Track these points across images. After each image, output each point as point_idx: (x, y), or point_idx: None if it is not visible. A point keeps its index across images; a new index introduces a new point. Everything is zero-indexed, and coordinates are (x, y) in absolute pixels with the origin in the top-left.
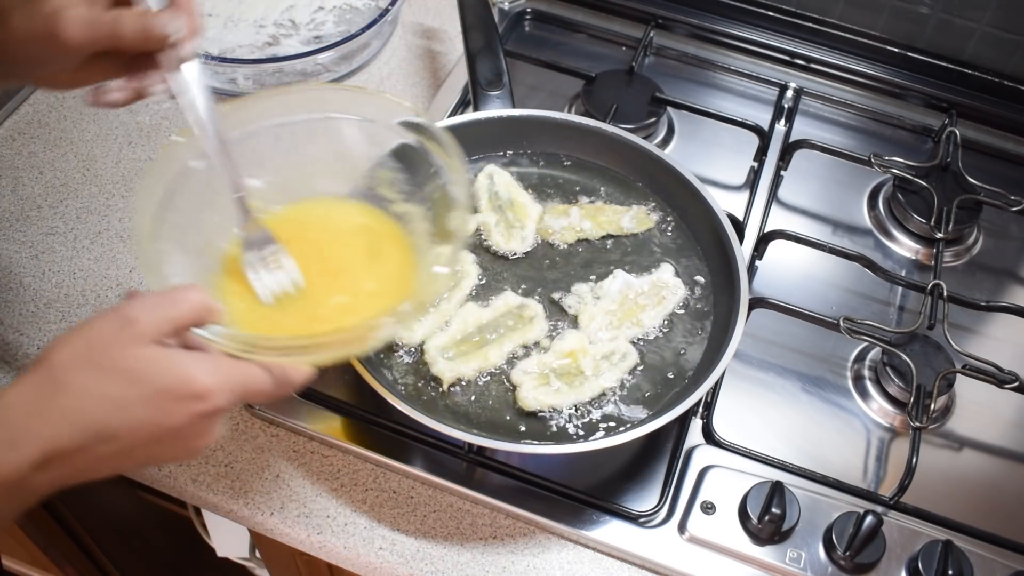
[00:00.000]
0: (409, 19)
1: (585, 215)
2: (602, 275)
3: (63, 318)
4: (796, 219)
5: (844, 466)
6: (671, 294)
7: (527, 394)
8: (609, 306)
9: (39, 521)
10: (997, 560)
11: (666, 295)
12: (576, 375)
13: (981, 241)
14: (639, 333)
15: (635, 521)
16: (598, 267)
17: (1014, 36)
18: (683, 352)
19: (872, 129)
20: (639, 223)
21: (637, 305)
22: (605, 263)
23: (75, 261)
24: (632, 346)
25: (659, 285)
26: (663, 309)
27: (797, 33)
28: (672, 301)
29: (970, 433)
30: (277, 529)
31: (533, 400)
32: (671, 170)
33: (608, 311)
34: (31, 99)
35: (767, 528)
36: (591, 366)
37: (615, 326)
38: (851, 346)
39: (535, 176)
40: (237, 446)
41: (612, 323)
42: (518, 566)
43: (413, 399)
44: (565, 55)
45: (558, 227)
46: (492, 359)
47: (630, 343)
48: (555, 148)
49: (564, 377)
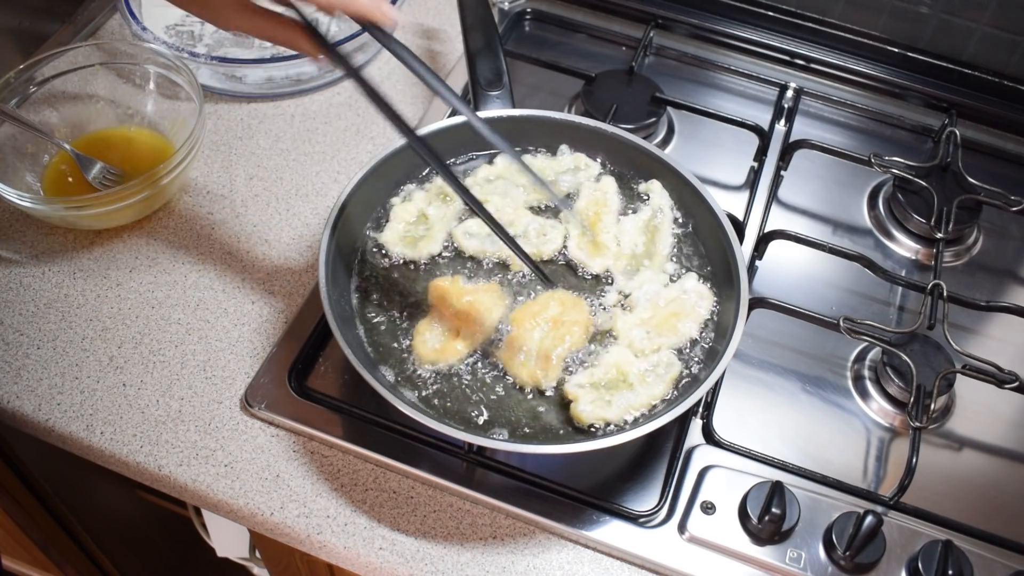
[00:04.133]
0: (409, 19)
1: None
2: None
3: (63, 318)
4: (796, 219)
5: (844, 466)
6: (701, 299)
7: (584, 408)
8: (643, 314)
9: (39, 521)
10: (997, 560)
11: (696, 302)
12: (625, 386)
13: (981, 241)
14: (677, 342)
15: (635, 521)
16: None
17: (1014, 36)
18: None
19: (872, 129)
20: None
21: (672, 314)
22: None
23: (75, 261)
24: (675, 356)
25: (686, 293)
26: (696, 318)
27: (797, 33)
28: (704, 307)
29: (970, 433)
30: (277, 529)
31: (590, 414)
32: (671, 170)
33: (643, 319)
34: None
35: (767, 528)
36: (638, 377)
37: (654, 336)
38: (851, 346)
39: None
40: (237, 446)
41: (650, 333)
42: (518, 566)
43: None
44: (565, 55)
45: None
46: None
47: (672, 352)
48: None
49: (613, 389)
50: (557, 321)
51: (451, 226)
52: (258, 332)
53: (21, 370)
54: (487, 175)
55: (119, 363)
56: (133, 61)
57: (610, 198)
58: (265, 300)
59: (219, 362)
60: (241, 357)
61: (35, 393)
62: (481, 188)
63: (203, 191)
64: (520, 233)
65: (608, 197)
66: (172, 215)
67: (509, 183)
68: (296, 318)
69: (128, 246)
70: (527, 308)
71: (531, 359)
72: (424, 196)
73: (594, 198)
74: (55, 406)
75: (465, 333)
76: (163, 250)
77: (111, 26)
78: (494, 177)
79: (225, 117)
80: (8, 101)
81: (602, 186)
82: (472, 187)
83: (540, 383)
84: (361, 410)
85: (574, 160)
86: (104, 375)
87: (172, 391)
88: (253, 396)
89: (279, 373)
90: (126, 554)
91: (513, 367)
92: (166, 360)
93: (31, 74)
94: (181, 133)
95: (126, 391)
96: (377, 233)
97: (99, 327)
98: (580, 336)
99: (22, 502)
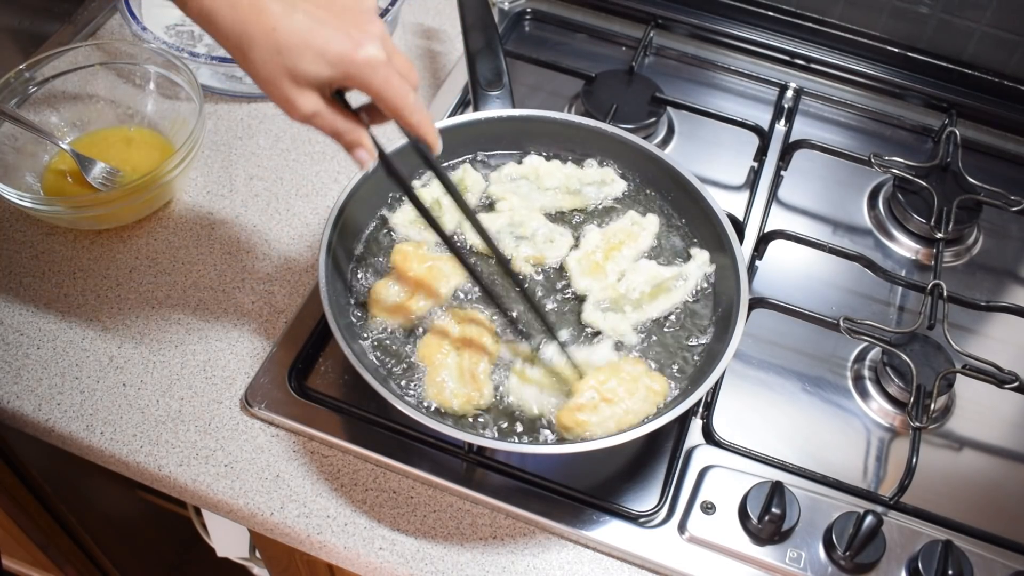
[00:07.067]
0: (409, 19)
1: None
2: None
3: (63, 318)
4: (796, 219)
5: (844, 466)
6: (642, 230)
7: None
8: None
9: (39, 521)
10: (997, 560)
11: (637, 232)
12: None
13: (981, 241)
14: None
15: (635, 521)
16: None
17: (1014, 36)
18: (685, 351)
19: (872, 129)
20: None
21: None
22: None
23: (75, 261)
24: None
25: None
26: (638, 246)
27: (797, 33)
28: (646, 238)
29: (970, 433)
30: (277, 529)
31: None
32: (671, 170)
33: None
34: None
35: (767, 528)
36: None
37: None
38: (851, 346)
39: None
40: (237, 446)
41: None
42: (518, 566)
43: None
44: (565, 55)
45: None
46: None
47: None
48: (555, 148)
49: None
50: (464, 340)
51: (461, 216)
52: (258, 332)
53: (21, 370)
54: (511, 173)
55: (119, 363)
56: (133, 61)
57: (643, 237)
58: (265, 300)
59: (219, 362)
60: (241, 357)
61: (35, 393)
62: (503, 186)
63: (203, 191)
64: (528, 235)
65: (642, 234)
66: (172, 215)
67: (533, 185)
68: (296, 318)
69: (128, 246)
70: (429, 342)
71: (459, 385)
72: (440, 185)
73: (628, 229)
74: (55, 406)
75: (420, 296)
76: (163, 250)
77: (111, 26)
78: (518, 176)
79: (225, 117)
80: (8, 101)
81: (643, 222)
82: (493, 183)
83: (479, 403)
84: (361, 410)
85: (601, 174)
86: (104, 375)
87: (172, 391)
88: (253, 396)
89: (279, 373)
90: (126, 554)
91: (445, 400)
92: (166, 360)
93: (31, 74)
94: (181, 133)
95: (126, 391)
96: (390, 214)
97: (99, 327)
98: (493, 344)
99: (22, 502)
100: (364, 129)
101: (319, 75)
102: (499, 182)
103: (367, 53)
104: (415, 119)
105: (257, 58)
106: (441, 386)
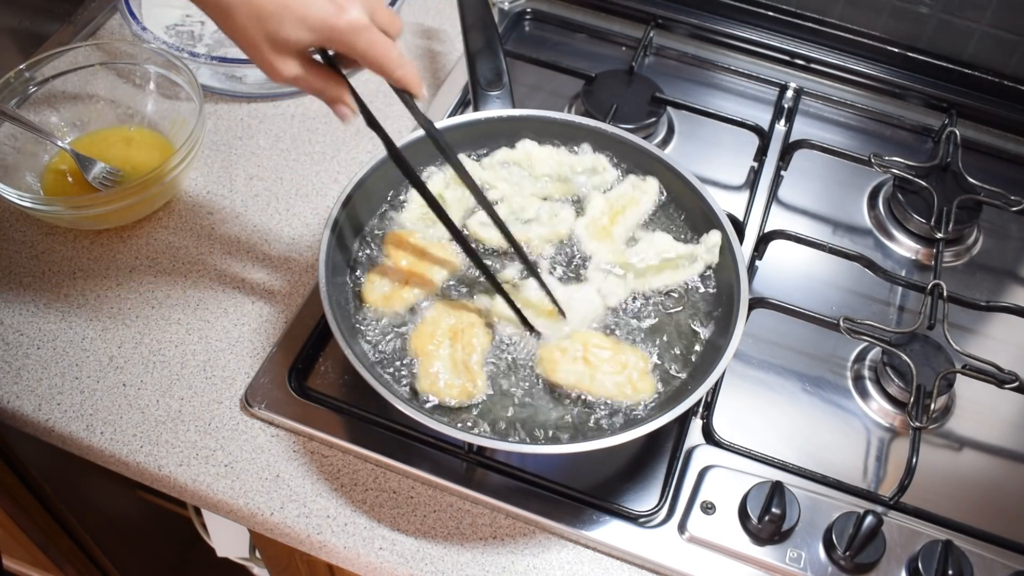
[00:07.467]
0: (409, 19)
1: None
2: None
3: (63, 318)
4: (796, 219)
5: (844, 466)
6: (643, 194)
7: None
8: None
9: (39, 521)
10: (997, 560)
11: (638, 196)
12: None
13: (981, 241)
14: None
15: (635, 521)
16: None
17: (1014, 36)
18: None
19: (872, 129)
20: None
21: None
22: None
23: (75, 261)
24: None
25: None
26: (640, 209)
27: (797, 33)
28: (647, 202)
29: (970, 433)
30: (277, 529)
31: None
32: (671, 170)
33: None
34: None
35: (767, 528)
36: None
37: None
38: (851, 346)
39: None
40: (237, 446)
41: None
42: (518, 566)
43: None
44: (565, 55)
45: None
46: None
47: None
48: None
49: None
50: (455, 330)
51: (467, 207)
52: (258, 332)
53: (21, 370)
54: (503, 158)
55: (119, 363)
56: (133, 61)
57: (644, 199)
58: (265, 300)
59: (219, 362)
60: (241, 357)
61: (35, 393)
62: (494, 172)
63: (203, 191)
64: (533, 217)
65: (643, 197)
66: (172, 215)
67: (524, 172)
68: (296, 318)
69: (128, 246)
70: (421, 332)
71: (453, 376)
72: (442, 179)
73: (630, 194)
74: (55, 406)
75: (413, 284)
76: (163, 250)
77: (111, 26)
78: (511, 162)
79: (225, 117)
80: (8, 101)
81: (644, 186)
82: (485, 168)
83: (473, 394)
84: (361, 410)
85: (593, 161)
86: (104, 375)
87: (172, 391)
88: (253, 396)
89: (279, 373)
90: (126, 554)
91: (439, 392)
92: (166, 360)
93: (31, 74)
94: (181, 133)
95: (126, 391)
96: (396, 213)
97: (99, 327)
98: (485, 335)
99: (22, 502)
100: (345, 86)
101: (300, 40)
102: (491, 167)
103: (349, 17)
104: (398, 74)
105: (239, 24)
106: (435, 378)
